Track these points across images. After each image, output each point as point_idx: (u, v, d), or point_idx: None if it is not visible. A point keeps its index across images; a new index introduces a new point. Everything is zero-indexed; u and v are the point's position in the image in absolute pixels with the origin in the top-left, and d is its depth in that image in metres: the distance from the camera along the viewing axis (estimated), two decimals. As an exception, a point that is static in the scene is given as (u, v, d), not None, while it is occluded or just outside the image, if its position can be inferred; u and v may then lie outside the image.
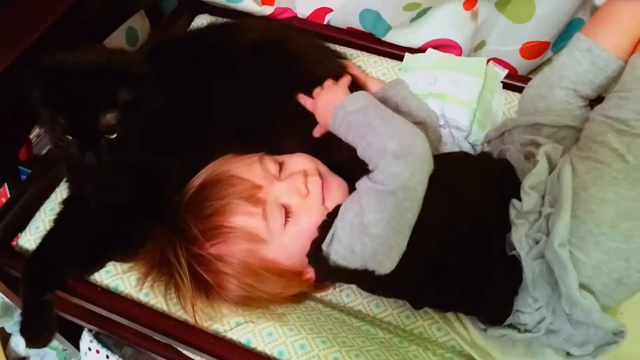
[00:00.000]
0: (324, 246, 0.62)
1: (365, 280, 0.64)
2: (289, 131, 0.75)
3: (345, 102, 0.66)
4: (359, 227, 0.60)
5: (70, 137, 0.63)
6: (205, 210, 0.65)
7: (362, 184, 0.62)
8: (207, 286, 0.65)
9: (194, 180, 0.69)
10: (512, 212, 0.63)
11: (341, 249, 0.61)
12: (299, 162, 0.70)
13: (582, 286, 0.58)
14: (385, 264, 0.60)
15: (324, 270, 0.65)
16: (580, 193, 0.59)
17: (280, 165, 0.69)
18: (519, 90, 0.86)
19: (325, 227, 0.63)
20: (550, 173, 0.65)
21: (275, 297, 0.66)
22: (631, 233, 0.57)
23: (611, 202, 0.57)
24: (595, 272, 0.57)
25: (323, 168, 0.71)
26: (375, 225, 0.59)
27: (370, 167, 0.63)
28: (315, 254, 0.63)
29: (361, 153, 0.64)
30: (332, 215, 0.64)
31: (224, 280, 0.64)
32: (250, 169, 0.67)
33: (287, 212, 0.65)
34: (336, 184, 0.69)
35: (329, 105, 0.68)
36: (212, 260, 0.64)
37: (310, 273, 0.68)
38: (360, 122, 0.64)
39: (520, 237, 0.61)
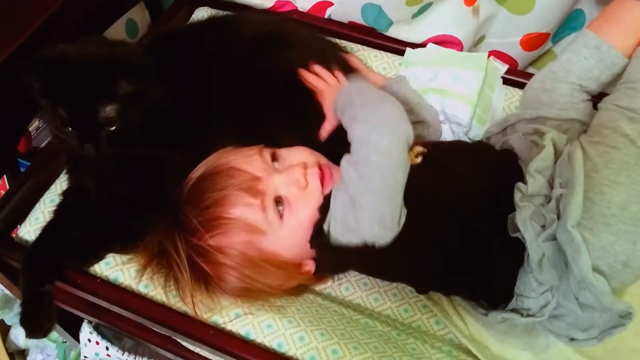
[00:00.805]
0: (325, 226, 0.63)
1: (368, 260, 0.64)
2: (288, 125, 0.74)
3: (342, 89, 0.70)
4: (348, 201, 0.61)
5: (70, 129, 0.63)
6: (204, 202, 0.65)
7: (343, 160, 0.63)
8: (206, 278, 0.65)
9: (193, 172, 0.69)
10: (517, 195, 0.63)
11: (338, 227, 0.61)
12: (298, 154, 0.70)
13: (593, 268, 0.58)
14: (383, 234, 0.60)
15: (327, 254, 0.65)
16: (592, 175, 0.60)
17: (280, 158, 0.70)
18: (519, 85, 0.86)
19: (324, 208, 0.64)
20: (556, 159, 0.65)
21: (274, 289, 0.66)
22: None
23: (623, 184, 0.58)
24: (603, 253, 0.58)
25: (324, 160, 0.71)
26: (361, 195, 0.60)
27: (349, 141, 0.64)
28: (317, 235, 0.64)
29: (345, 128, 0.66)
30: (330, 197, 0.64)
31: (223, 271, 0.64)
32: (250, 161, 0.67)
33: (284, 204, 0.65)
34: (339, 176, 0.69)
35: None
36: (212, 252, 0.64)
37: (310, 265, 0.68)
38: (345, 101, 0.67)
39: (525, 220, 0.61)
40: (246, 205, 0.64)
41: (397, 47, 0.91)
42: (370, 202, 0.59)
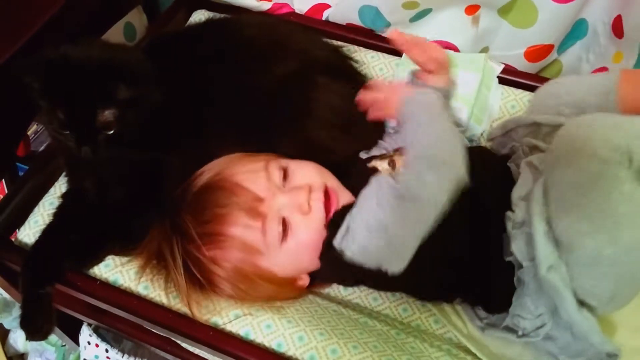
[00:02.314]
0: (336, 244, 0.61)
1: (373, 278, 0.64)
2: (287, 128, 0.75)
3: (414, 96, 0.67)
4: (376, 227, 0.59)
5: (68, 132, 0.63)
6: (205, 215, 0.65)
7: (384, 182, 0.61)
8: (201, 283, 0.65)
9: (198, 176, 0.69)
10: (509, 224, 0.62)
11: (355, 248, 0.60)
12: (306, 174, 0.68)
13: (580, 302, 0.58)
14: (399, 264, 0.59)
15: (333, 269, 0.64)
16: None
17: (287, 173, 0.68)
18: (515, 85, 0.87)
19: (334, 225, 0.63)
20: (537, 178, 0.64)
21: (268, 300, 0.67)
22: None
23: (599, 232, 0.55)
24: (587, 293, 0.57)
25: (332, 182, 0.69)
26: (394, 227, 0.58)
27: (403, 165, 0.61)
28: (328, 251, 0.63)
29: (405, 144, 0.64)
30: (340, 214, 0.63)
31: (216, 281, 0.65)
32: (255, 178, 0.66)
33: (285, 228, 0.64)
34: (346, 199, 0.67)
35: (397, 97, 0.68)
36: (206, 263, 0.65)
37: (304, 279, 0.68)
38: (415, 117, 0.64)
39: (519, 248, 0.60)
40: (246, 226, 0.64)
41: (394, 48, 0.91)
42: (400, 235, 0.58)
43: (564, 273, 0.57)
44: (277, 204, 0.65)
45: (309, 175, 0.68)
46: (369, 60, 0.91)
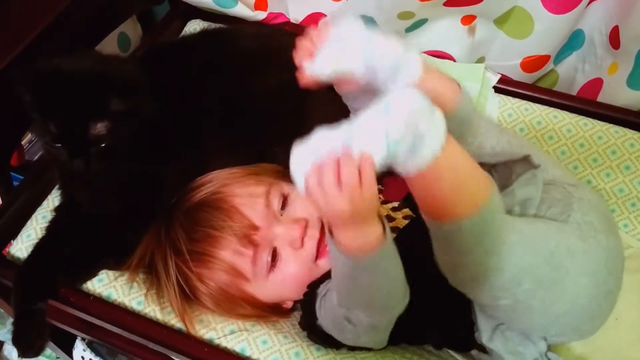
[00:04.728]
0: (318, 322, 0.61)
1: None
2: (281, 138, 0.74)
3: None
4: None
5: (60, 145, 0.62)
6: (197, 233, 0.65)
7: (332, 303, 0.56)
8: (188, 296, 0.65)
9: (195, 188, 0.68)
10: None
11: (331, 328, 0.60)
12: (306, 206, 0.66)
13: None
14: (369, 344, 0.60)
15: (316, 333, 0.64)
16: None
17: (287, 201, 0.67)
18: (511, 94, 0.87)
19: (308, 302, 0.62)
20: None
21: (249, 319, 0.66)
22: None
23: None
24: (533, 329, 0.57)
25: None
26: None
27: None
28: (313, 332, 0.63)
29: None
30: (316, 284, 0.62)
31: (199, 296, 0.65)
32: (253, 203, 0.65)
33: (274, 258, 0.64)
34: None
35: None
36: (191, 278, 0.64)
37: (288, 304, 0.68)
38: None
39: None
40: (237, 252, 0.64)
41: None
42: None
43: (504, 337, 0.57)
44: (272, 234, 0.64)
45: (308, 207, 0.66)
46: (364, 70, 0.91)
